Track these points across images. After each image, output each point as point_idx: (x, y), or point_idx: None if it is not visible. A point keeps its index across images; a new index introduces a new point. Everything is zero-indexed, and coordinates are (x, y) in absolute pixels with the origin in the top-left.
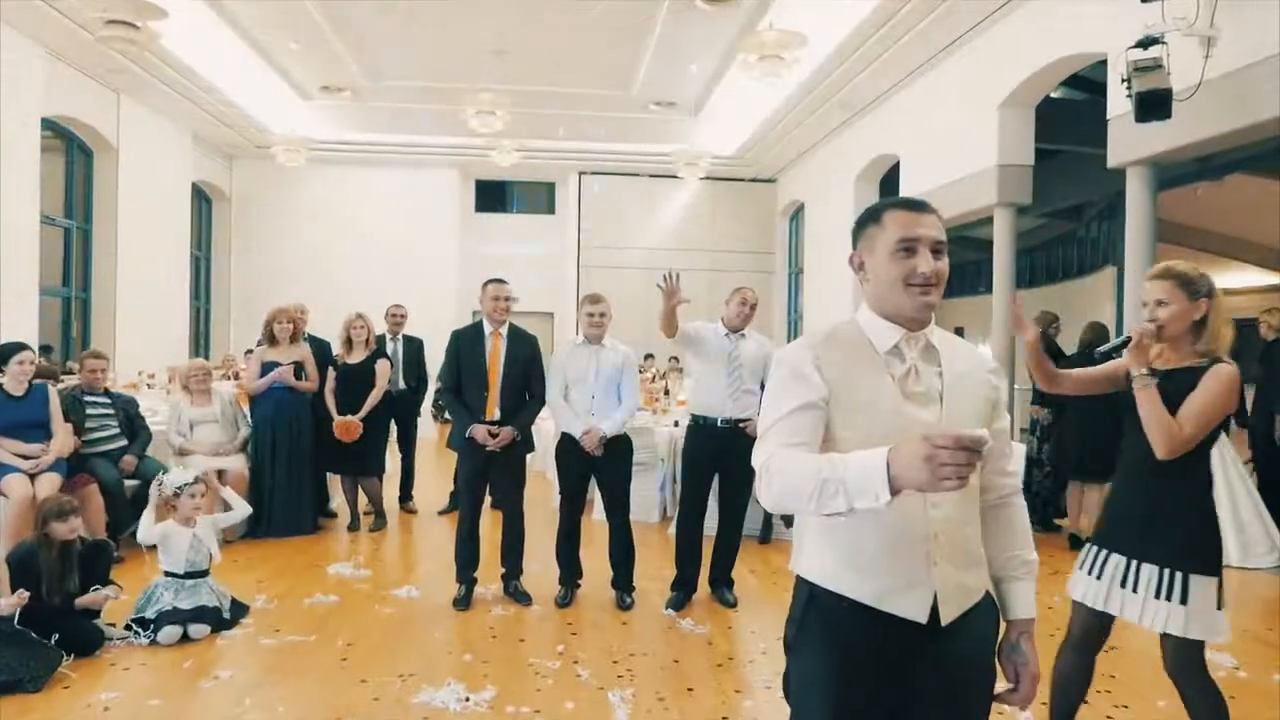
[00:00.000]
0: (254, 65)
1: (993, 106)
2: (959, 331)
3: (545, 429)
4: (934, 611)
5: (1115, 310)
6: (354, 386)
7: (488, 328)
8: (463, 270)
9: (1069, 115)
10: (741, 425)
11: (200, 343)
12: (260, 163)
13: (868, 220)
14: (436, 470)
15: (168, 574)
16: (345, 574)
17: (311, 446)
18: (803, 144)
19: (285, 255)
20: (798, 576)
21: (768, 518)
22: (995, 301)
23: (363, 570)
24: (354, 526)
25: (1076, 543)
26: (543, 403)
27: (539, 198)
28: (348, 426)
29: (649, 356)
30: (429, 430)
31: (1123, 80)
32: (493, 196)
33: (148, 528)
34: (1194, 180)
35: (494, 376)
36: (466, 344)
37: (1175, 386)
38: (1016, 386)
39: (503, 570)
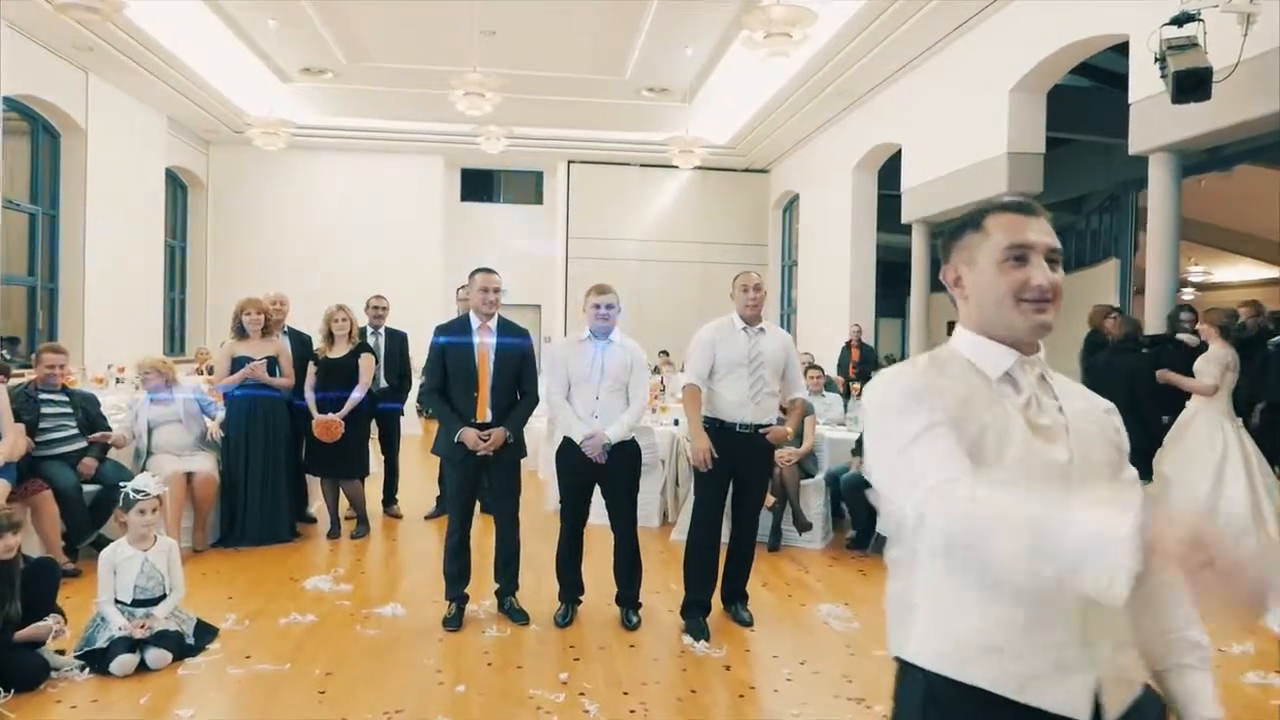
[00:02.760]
0: (231, 45)
1: (1003, 91)
2: (949, 326)
3: (536, 428)
4: (1096, 705)
5: (1118, 302)
6: (335, 383)
7: (475, 321)
8: (448, 261)
9: (1072, 103)
10: (762, 431)
11: (175, 335)
12: (238, 149)
13: (965, 227)
14: (421, 471)
15: (117, 602)
16: (324, 589)
17: (288, 447)
18: (798, 133)
19: (264, 245)
20: (902, 663)
21: (776, 524)
22: None
23: (343, 585)
24: (334, 533)
25: None
26: (536, 401)
27: (526, 187)
28: (328, 426)
29: None
30: (414, 427)
31: (1156, 60)
32: (479, 185)
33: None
34: (1205, 170)
35: (483, 375)
36: (452, 340)
37: None
38: None
39: (496, 586)
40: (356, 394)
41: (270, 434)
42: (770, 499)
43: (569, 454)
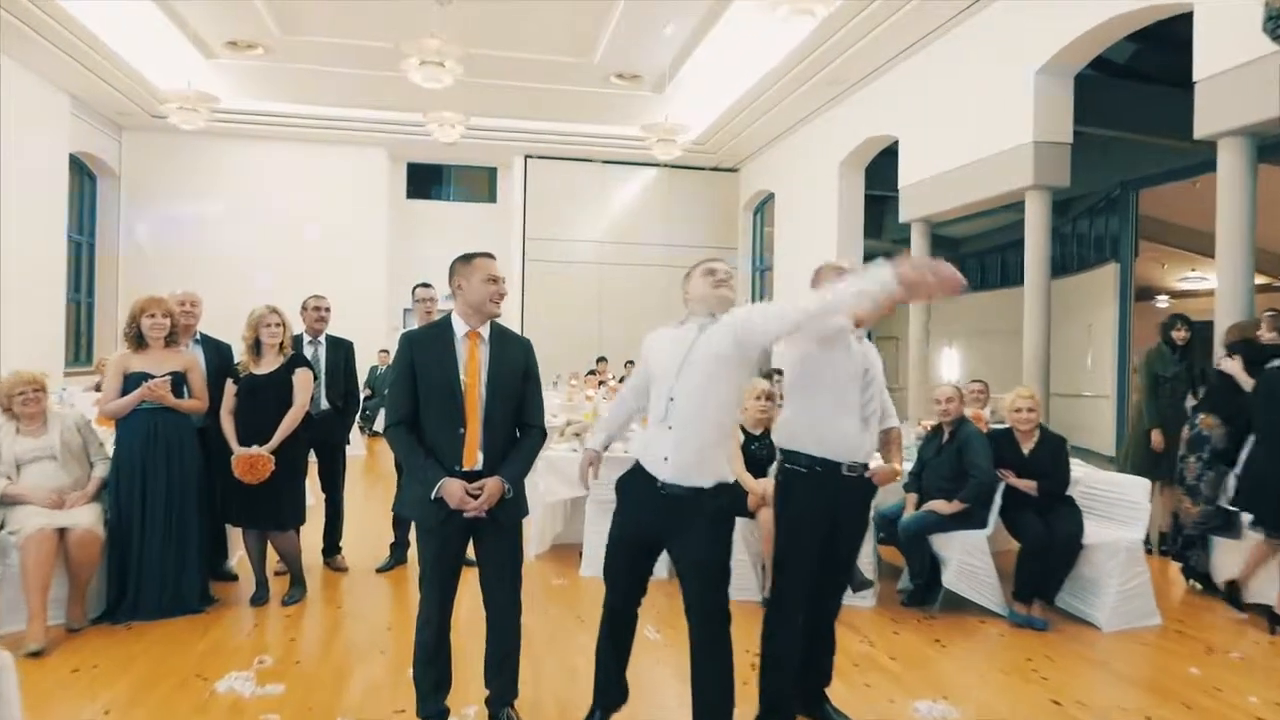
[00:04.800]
0: (144, 11)
1: (1028, 74)
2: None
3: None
4: None
5: (1118, 310)
6: (262, 406)
7: (460, 327)
8: (391, 264)
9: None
10: (867, 474)
11: (80, 343)
12: (155, 134)
13: None
14: (370, 509)
15: None
16: (245, 694)
17: (200, 491)
18: (777, 127)
19: (184, 242)
20: None
21: None
22: (1028, 295)
23: (272, 686)
24: (260, 598)
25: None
26: (544, 436)
27: (479, 184)
28: (253, 463)
29: (602, 360)
30: (357, 447)
31: (1269, 19)
32: (426, 181)
33: None
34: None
35: (473, 401)
36: (427, 353)
37: None
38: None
39: (488, 692)
40: (290, 420)
41: (175, 472)
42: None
43: (632, 490)
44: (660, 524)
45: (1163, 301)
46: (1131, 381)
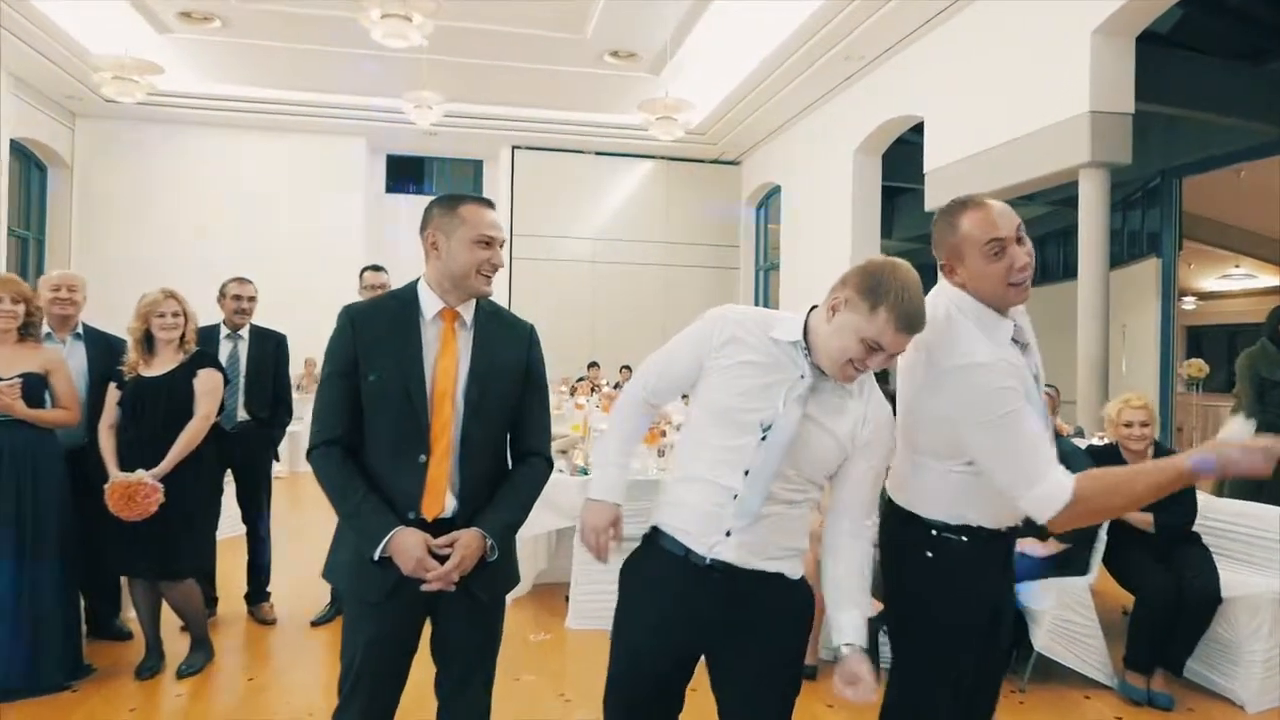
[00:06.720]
0: None
1: (1083, 34)
2: None
3: None
4: None
5: (1160, 306)
6: (151, 418)
7: (430, 304)
8: (368, 263)
9: None
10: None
11: None
12: (111, 122)
13: None
14: (308, 540)
15: None
16: None
17: (64, 527)
18: (785, 112)
19: (144, 239)
20: None
21: (876, 639)
22: (1083, 289)
23: None
24: (151, 668)
25: None
26: (549, 468)
27: (463, 177)
28: (131, 492)
29: (594, 365)
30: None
31: None
32: (407, 175)
33: None
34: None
35: (443, 414)
36: (377, 338)
37: None
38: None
39: None
40: (189, 437)
41: (29, 503)
42: (876, 604)
43: (652, 580)
44: (702, 623)
45: (1189, 303)
46: (1174, 388)
